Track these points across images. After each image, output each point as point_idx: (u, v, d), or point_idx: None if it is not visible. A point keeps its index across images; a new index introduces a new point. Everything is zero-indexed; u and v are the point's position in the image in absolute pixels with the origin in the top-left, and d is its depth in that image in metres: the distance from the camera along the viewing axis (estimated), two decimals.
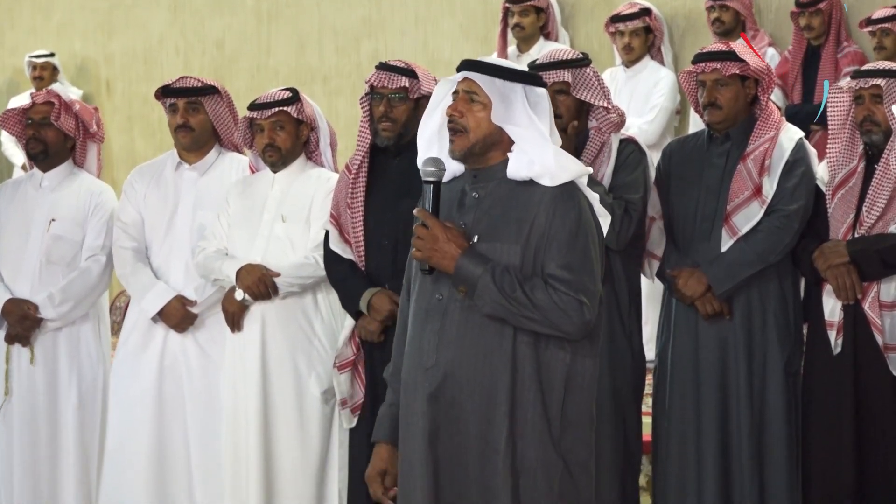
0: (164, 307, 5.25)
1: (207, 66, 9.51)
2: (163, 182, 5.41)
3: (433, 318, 3.71)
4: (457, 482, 3.69)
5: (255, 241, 5.13)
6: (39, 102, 5.49)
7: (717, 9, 7.80)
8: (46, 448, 5.43)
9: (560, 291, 3.59)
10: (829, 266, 4.87)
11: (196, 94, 5.28)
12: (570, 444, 3.69)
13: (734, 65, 4.96)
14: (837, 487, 4.90)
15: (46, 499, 5.43)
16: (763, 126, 5.01)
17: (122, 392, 5.34)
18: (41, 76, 9.95)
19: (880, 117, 4.88)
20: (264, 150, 5.12)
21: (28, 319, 5.39)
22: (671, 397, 5.08)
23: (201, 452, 5.23)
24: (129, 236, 5.36)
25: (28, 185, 5.60)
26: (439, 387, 3.68)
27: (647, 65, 7.82)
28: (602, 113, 4.96)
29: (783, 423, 4.98)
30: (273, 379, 5.09)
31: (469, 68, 3.71)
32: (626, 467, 5.04)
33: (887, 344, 4.84)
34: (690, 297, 4.98)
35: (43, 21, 10.43)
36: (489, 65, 3.72)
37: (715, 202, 5.01)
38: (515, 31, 8.19)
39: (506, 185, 3.70)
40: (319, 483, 5.12)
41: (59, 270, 5.45)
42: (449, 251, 3.64)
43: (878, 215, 4.85)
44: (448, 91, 3.76)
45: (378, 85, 4.96)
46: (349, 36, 9.35)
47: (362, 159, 5.00)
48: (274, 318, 5.10)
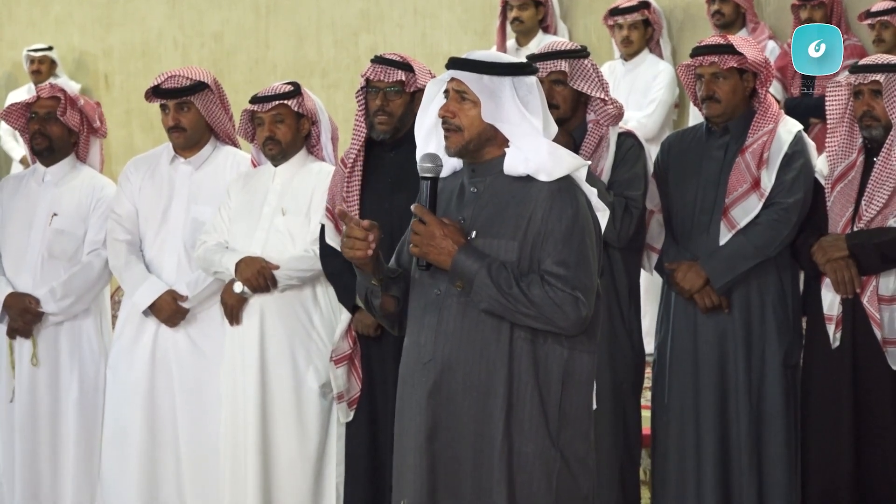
0: (156, 301, 5.25)
1: (206, 59, 9.50)
2: (158, 175, 5.40)
3: (431, 313, 3.72)
4: (453, 477, 3.70)
5: (255, 234, 5.13)
6: (45, 97, 5.47)
7: (717, 1, 7.79)
8: (47, 441, 5.44)
9: (556, 287, 3.60)
10: (827, 260, 4.86)
11: (185, 94, 5.24)
12: (568, 438, 3.69)
13: (732, 58, 4.96)
14: (835, 480, 4.90)
15: (47, 491, 5.44)
16: (761, 119, 5.00)
17: (117, 385, 5.35)
18: (39, 70, 9.94)
19: (880, 112, 4.87)
20: (264, 144, 5.12)
21: (29, 313, 5.39)
22: (670, 391, 5.08)
23: (190, 446, 5.24)
24: (124, 229, 5.36)
25: (31, 180, 5.59)
26: (437, 382, 3.69)
27: (645, 58, 7.82)
28: (600, 105, 4.95)
29: (781, 417, 4.98)
30: (271, 372, 5.10)
31: (456, 67, 3.71)
32: (627, 461, 5.06)
33: (886, 338, 4.83)
34: (689, 291, 4.98)
35: (41, 14, 10.42)
36: (475, 62, 3.70)
37: (713, 195, 5.01)
38: (514, 24, 8.19)
39: (504, 179, 3.71)
40: (317, 476, 5.13)
41: (61, 265, 5.45)
42: (446, 247, 3.64)
43: (878, 209, 4.84)
44: (439, 90, 3.77)
45: (374, 78, 4.95)
46: (347, 29, 9.34)
47: (357, 153, 4.99)
48: (273, 311, 5.10)
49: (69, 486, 5.42)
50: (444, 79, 3.74)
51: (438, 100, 3.75)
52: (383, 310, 3.85)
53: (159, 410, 5.27)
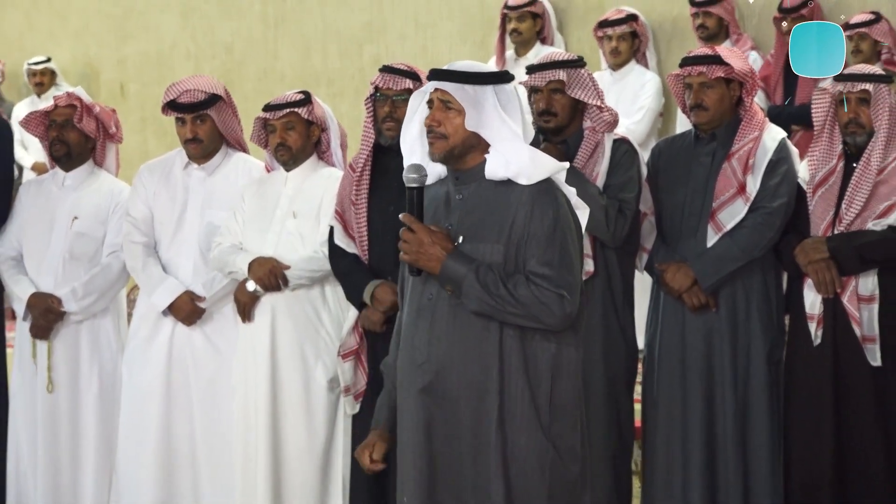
0: (174, 301, 5.26)
1: (217, 69, 9.50)
2: (172, 180, 5.40)
3: (424, 316, 3.74)
4: (451, 472, 3.71)
5: (268, 236, 5.13)
6: (61, 105, 5.47)
7: (701, 15, 7.81)
8: (68, 433, 5.42)
9: (541, 287, 3.61)
10: (809, 261, 4.87)
11: (201, 108, 5.25)
12: (559, 429, 3.70)
13: (720, 68, 4.97)
14: (817, 472, 4.90)
15: (67, 482, 5.43)
16: (747, 126, 5.01)
17: (133, 380, 5.35)
18: (41, 82, 9.95)
19: (865, 120, 4.88)
20: (276, 149, 5.14)
21: (52, 313, 5.39)
22: (659, 386, 5.09)
23: (206, 439, 5.24)
24: (140, 231, 5.36)
25: (51, 184, 5.58)
26: (431, 382, 3.70)
27: (632, 68, 7.83)
28: (596, 112, 4.97)
29: (765, 411, 4.99)
30: (282, 367, 5.09)
31: (439, 78, 3.72)
32: (619, 452, 5.06)
33: (865, 335, 4.85)
34: (678, 291, 4.99)
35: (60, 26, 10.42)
36: (458, 73, 3.71)
37: (701, 199, 5.02)
38: (513, 35, 8.20)
39: (487, 185, 3.71)
40: (324, 466, 5.12)
41: (81, 266, 5.44)
42: (434, 253, 3.65)
43: (857, 213, 4.85)
44: (422, 101, 3.78)
45: (383, 87, 4.96)
46: (352, 40, 9.34)
47: (366, 158, 5.00)
48: (283, 309, 5.10)
49: (89, 477, 5.41)
50: (427, 90, 3.75)
51: (422, 110, 3.77)
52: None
53: (176, 405, 5.27)
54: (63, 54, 10.28)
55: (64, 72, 10.17)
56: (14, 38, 10.65)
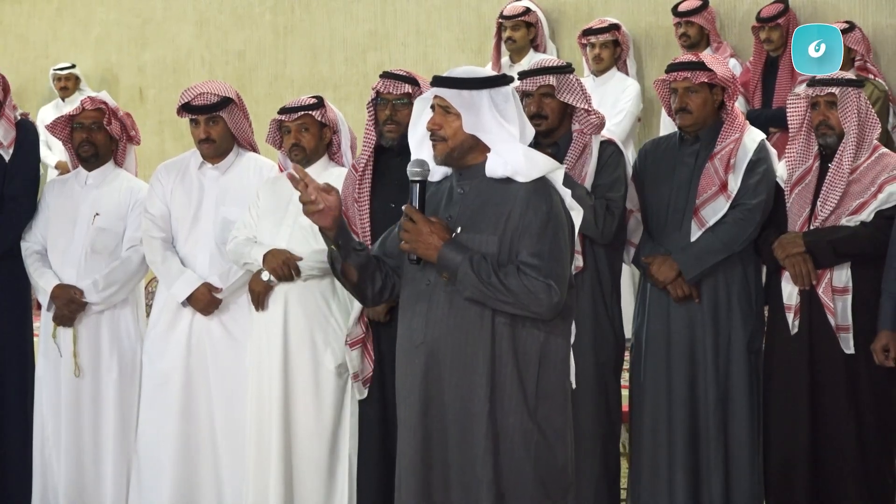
0: (193, 293, 5.27)
1: (230, 75, 9.51)
2: (188, 179, 5.40)
3: (421, 301, 3.77)
4: (443, 448, 3.73)
5: (281, 230, 5.13)
6: (89, 109, 5.49)
7: (683, 24, 7.84)
8: (90, 417, 5.42)
9: (531, 277, 3.63)
10: (787, 255, 4.88)
11: (214, 110, 5.27)
12: (545, 413, 3.73)
13: (703, 74, 4.98)
14: (793, 452, 4.91)
15: (90, 463, 5.43)
16: (729, 129, 5.02)
17: (154, 367, 5.36)
18: (66, 86, 9.95)
19: (834, 122, 4.89)
20: (290, 150, 5.15)
21: (74, 303, 5.40)
22: (645, 372, 5.09)
23: (224, 421, 5.24)
24: (158, 227, 5.37)
25: (74, 183, 5.59)
26: (427, 363, 3.73)
27: (613, 75, 7.84)
28: (584, 116, 4.97)
29: (745, 396, 4.99)
30: (293, 353, 5.09)
31: (438, 84, 3.76)
32: (608, 435, 5.05)
33: (839, 325, 4.85)
34: (663, 282, 5.00)
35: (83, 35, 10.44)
36: (454, 79, 3.75)
37: (685, 196, 5.02)
38: (508, 43, 8.21)
39: (487, 181, 3.75)
40: (332, 447, 5.12)
41: (103, 259, 5.44)
42: (432, 242, 3.68)
43: (831, 209, 4.86)
44: (425, 106, 3.82)
45: (384, 91, 4.97)
46: (357, 48, 9.35)
47: (368, 159, 5.01)
48: (295, 298, 5.10)
49: (109, 456, 5.42)
50: (429, 96, 3.79)
51: (426, 114, 3.81)
52: (345, 276, 3.86)
53: (195, 391, 5.27)
54: (86, 61, 10.29)
55: (86, 77, 10.18)
56: (40, 46, 10.66)
